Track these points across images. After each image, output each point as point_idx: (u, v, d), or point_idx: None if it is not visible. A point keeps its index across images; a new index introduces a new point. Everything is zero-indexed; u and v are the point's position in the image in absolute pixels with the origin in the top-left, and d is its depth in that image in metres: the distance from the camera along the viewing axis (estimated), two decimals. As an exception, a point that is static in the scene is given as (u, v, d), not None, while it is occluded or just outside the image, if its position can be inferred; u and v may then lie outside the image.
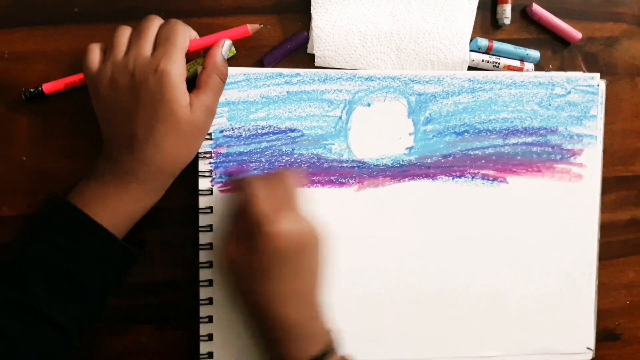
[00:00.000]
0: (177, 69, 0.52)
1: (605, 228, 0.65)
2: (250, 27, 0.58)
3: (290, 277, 0.53)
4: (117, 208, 0.53)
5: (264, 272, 0.53)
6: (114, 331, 0.61)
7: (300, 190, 0.55)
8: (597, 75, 0.62)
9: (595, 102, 0.62)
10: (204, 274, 0.59)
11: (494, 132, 0.61)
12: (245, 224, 0.54)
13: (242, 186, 0.55)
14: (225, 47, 0.56)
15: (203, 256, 0.59)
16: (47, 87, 0.58)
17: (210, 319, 0.59)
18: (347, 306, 0.61)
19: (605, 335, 0.67)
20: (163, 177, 0.54)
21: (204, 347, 0.59)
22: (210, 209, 0.58)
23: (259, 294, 0.54)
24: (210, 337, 0.59)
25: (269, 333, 0.55)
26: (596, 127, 0.62)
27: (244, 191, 0.54)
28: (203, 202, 0.58)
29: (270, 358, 0.57)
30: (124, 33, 0.54)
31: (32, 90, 0.58)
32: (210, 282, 0.59)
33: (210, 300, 0.59)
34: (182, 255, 0.61)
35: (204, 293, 0.59)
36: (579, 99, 0.62)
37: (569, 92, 0.62)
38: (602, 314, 0.65)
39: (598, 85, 0.62)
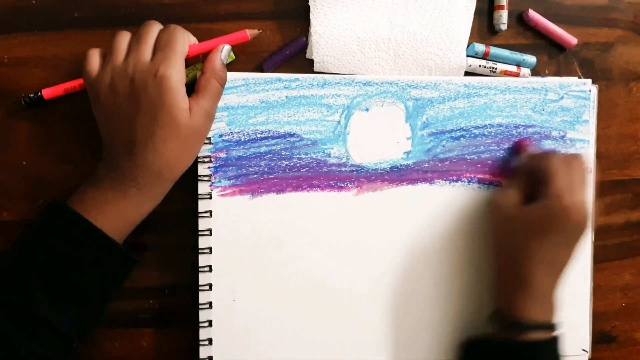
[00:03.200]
0: (176, 74, 0.52)
1: (601, 231, 0.66)
2: (249, 32, 0.58)
3: (560, 247, 0.56)
4: (116, 213, 0.53)
5: (542, 232, 0.55)
6: (114, 335, 0.61)
7: (587, 178, 0.58)
8: (589, 81, 0.63)
9: (587, 107, 0.63)
10: (203, 278, 0.59)
11: (489, 137, 0.62)
12: (539, 189, 0.57)
13: (543, 158, 0.58)
14: (224, 52, 0.56)
15: (203, 260, 0.59)
16: (47, 93, 0.58)
17: (210, 323, 0.59)
18: (345, 309, 0.61)
19: (601, 338, 0.67)
20: (163, 182, 0.54)
21: (203, 352, 0.59)
22: (210, 213, 0.59)
23: (523, 248, 0.56)
24: (210, 341, 0.59)
25: (509, 285, 0.58)
26: (588, 132, 0.63)
27: (548, 163, 0.57)
28: (202, 206, 0.59)
29: (496, 309, 0.59)
30: (124, 38, 0.55)
31: (31, 95, 0.58)
32: (210, 286, 0.59)
33: (210, 305, 0.59)
34: (181, 260, 0.61)
35: (203, 297, 0.59)
36: (571, 104, 0.63)
37: (562, 98, 0.62)
38: (598, 317, 0.66)
39: (590, 91, 0.63)
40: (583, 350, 0.64)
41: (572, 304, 0.63)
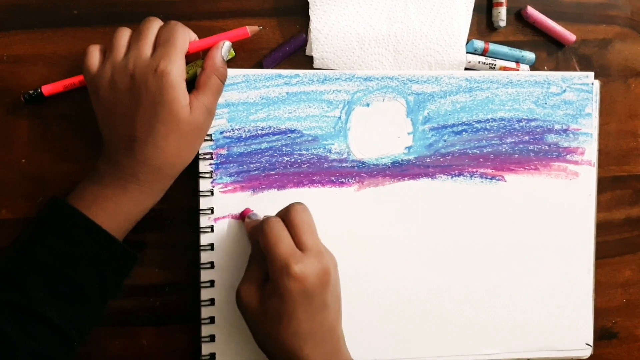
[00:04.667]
0: (177, 70, 0.52)
1: (601, 227, 0.66)
2: (250, 29, 0.58)
3: (314, 314, 0.52)
4: (117, 210, 0.53)
5: (289, 314, 0.52)
6: (114, 334, 0.61)
7: (313, 221, 0.55)
8: (592, 74, 0.63)
9: (590, 100, 0.63)
10: (205, 275, 0.59)
11: (492, 131, 0.62)
12: (260, 267, 0.54)
13: (259, 229, 0.54)
14: (224, 48, 0.56)
15: (204, 257, 0.59)
16: (47, 89, 0.58)
17: (212, 319, 0.59)
18: (346, 305, 0.60)
19: (603, 334, 0.67)
20: (163, 178, 0.54)
21: (206, 348, 0.59)
22: (211, 210, 0.58)
23: (281, 336, 0.52)
24: (212, 338, 0.59)
25: None
26: (591, 125, 0.63)
27: (262, 234, 0.53)
28: (204, 203, 0.58)
29: None
30: (124, 34, 0.55)
31: (31, 92, 0.58)
32: (211, 283, 0.59)
33: (211, 301, 0.59)
34: (182, 257, 0.61)
35: (205, 294, 0.59)
36: (574, 98, 0.63)
37: (564, 91, 0.63)
38: (599, 313, 0.66)
39: (592, 84, 0.63)
40: (587, 344, 0.64)
41: (575, 298, 0.64)
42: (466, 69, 0.63)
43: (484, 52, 0.63)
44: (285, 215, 0.54)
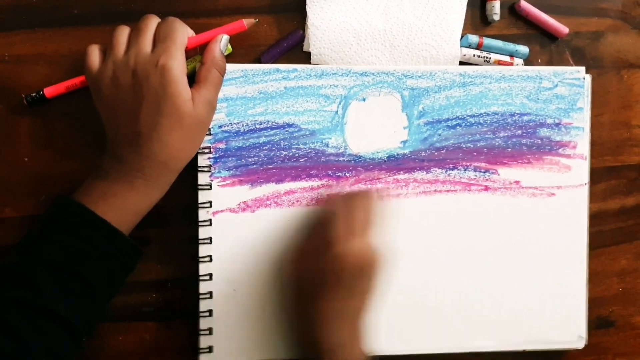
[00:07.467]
0: (177, 65, 0.52)
1: (597, 217, 0.67)
2: (246, 22, 0.58)
3: (343, 297, 0.54)
4: (123, 205, 0.54)
5: (323, 289, 0.54)
6: (115, 329, 0.61)
7: (379, 212, 0.57)
8: (583, 68, 0.64)
9: (581, 95, 0.64)
10: (204, 268, 0.59)
11: (485, 125, 0.63)
12: (318, 240, 0.56)
13: (327, 202, 0.58)
14: (222, 42, 0.56)
15: (203, 250, 0.59)
16: (49, 91, 0.59)
17: (210, 312, 0.59)
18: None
19: (600, 323, 0.68)
20: (168, 172, 0.55)
21: (204, 341, 0.60)
22: (210, 203, 0.59)
23: (310, 311, 0.55)
24: (210, 331, 0.60)
25: (308, 351, 0.56)
26: (583, 119, 0.64)
27: (327, 208, 0.57)
28: (202, 196, 0.59)
29: None
30: (123, 32, 0.55)
31: (33, 94, 0.59)
32: (210, 276, 0.59)
33: (210, 294, 0.59)
34: (184, 252, 0.61)
35: (204, 287, 0.59)
36: (565, 92, 0.63)
37: (556, 85, 0.63)
38: (596, 302, 0.67)
39: (583, 78, 0.64)
40: (580, 336, 0.64)
41: (568, 290, 0.64)
42: (462, 62, 0.64)
43: (478, 47, 0.64)
44: (355, 196, 0.58)
